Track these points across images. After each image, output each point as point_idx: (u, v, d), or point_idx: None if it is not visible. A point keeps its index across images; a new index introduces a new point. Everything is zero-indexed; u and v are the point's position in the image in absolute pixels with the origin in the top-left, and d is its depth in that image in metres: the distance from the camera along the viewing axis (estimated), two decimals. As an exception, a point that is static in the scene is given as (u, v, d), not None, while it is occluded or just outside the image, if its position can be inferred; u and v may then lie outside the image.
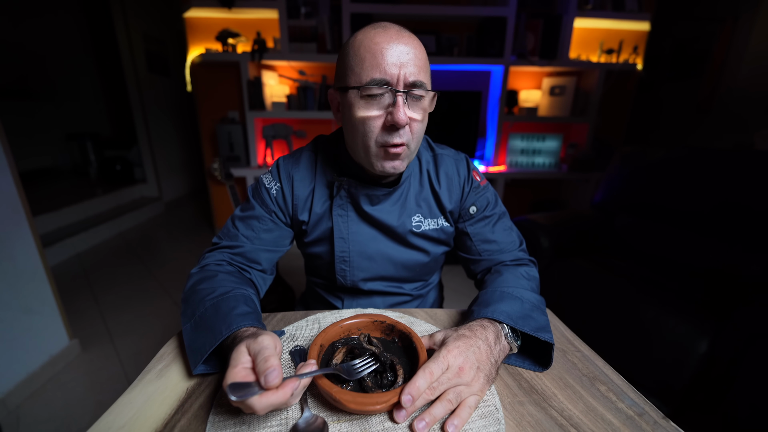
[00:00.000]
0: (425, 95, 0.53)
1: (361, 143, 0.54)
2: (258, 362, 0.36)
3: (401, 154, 0.54)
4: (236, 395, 0.32)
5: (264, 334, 0.40)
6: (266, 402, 0.34)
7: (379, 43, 0.50)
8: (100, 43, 3.68)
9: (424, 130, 0.56)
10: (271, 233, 0.64)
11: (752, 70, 2.16)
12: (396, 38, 0.50)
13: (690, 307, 1.05)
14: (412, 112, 0.53)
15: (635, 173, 1.58)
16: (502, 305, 0.51)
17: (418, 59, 0.51)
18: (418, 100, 0.53)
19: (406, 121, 0.50)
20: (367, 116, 0.52)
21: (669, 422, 0.40)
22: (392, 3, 2.08)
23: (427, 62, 0.54)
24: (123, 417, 0.40)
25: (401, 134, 0.52)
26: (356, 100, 0.52)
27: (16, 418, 1.16)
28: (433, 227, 0.66)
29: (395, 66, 0.49)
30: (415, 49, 0.51)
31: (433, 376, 0.39)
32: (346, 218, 0.64)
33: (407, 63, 0.50)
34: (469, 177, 0.67)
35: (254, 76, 2.17)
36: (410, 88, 0.51)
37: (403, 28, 0.52)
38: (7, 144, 1.20)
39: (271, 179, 0.65)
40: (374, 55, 0.50)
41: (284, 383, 0.35)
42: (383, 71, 0.49)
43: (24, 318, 1.25)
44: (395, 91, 0.50)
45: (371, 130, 0.52)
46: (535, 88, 2.43)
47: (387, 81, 0.50)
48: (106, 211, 2.92)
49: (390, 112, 0.50)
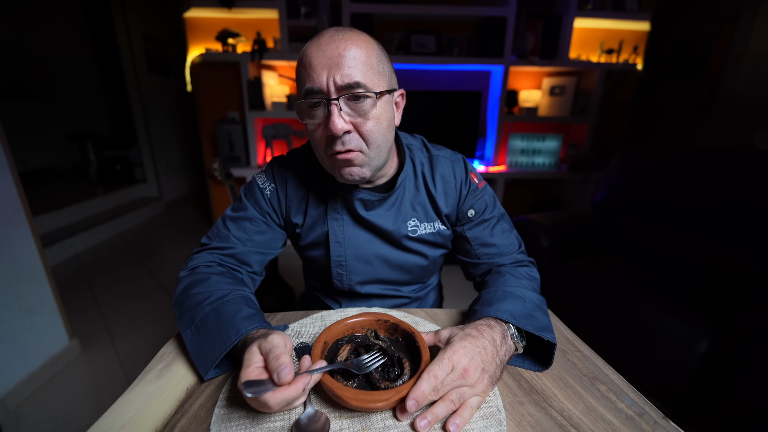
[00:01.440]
0: (366, 97, 0.49)
1: (318, 154, 0.55)
2: (270, 360, 0.37)
3: (353, 159, 0.52)
4: (251, 392, 0.33)
5: (274, 333, 0.41)
6: (280, 397, 0.35)
7: (309, 54, 0.49)
8: (100, 43, 3.68)
9: (384, 132, 0.53)
10: (264, 235, 0.63)
11: (752, 70, 2.15)
12: (326, 44, 0.48)
13: (690, 307, 1.05)
14: (357, 118, 0.50)
15: (635, 173, 1.58)
16: (505, 304, 0.51)
17: (354, 60, 0.48)
18: (361, 103, 0.49)
19: (342, 129, 0.48)
20: (312, 128, 0.53)
21: (669, 422, 0.40)
22: (392, 3, 2.08)
23: (374, 59, 0.50)
24: (123, 417, 0.40)
25: (345, 142, 0.50)
26: (302, 113, 0.52)
27: (16, 418, 1.16)
28: (430, 231, 0.65)
29: (323, 73, 0.48)
30: (347, 50, 0.48)
31: (437, 379, 0.39)
32: (341, 222, 0.63)
33: (337, 66, 0.47)
34: (467, 179, 0.65)
35: (254, 76, 2.16)
36: (345, 92, 0.48)
37: (341, 29, 0.50)
38: (7, 144, 1.20)
39: (265, 179, 0.64)
40: (305, 67, 0.50)
41: (296, 379, 0.36)
42: (312, 80, 0.49)
43: (24, 318, 1.25)
44: (327, 99, 0.49)
45: (319, 140, 0.53)
46: (535, 88, 2.43)
47: (319, 89, 0.49)
48: (106, 211, 2.92)
49: (326, 124, 0.49)
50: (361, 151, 0.52)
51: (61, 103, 3.53)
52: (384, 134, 0.53)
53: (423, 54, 2.18)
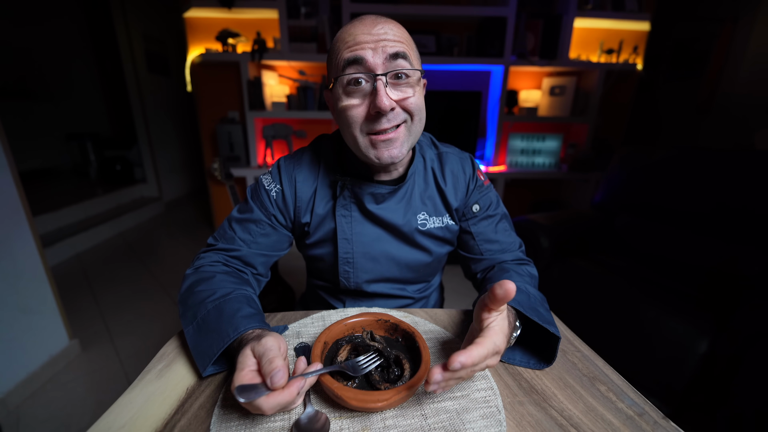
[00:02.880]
0: (411, 73, 0.50)
1: (350, 135, 0.54)
2: (263, 364, 0.37)
3: (395, 140, 0.52)
4: (244, 397, 0.33)
5: (268, 335, 0.41)
6: (273, 402, 0.35)
7: (352, 32, 0.50)
8: (100, 43, 3.68)
9: (422, 106, 0.54)
10: (269, 237, 0.63)
11: (752, 70, 2.15)
12: (371, 23, 0.50)
13: (690, 307, 1.05)
14: (399, 93, 0.51)
15: (635, 173, 1.58)
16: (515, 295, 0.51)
17: (397, 35, 0.50)
18: (404, 79, 0.50)
19: (390, 105, 0.49)
20: (349, 105, 0.51)
21: (669, 422, 0.40)
22: (392, 3, 2.08)
23: (412, 43, 0.53)
24: (123, 417, 0.40)
25: (390, 119, 0.51)
26: (340, 93, 0.52)
27: (16, 418, 1.16)
28: (439, 225, 0.66)
29: (370, 43, 0.48)
30: (394, 27, 0.50)
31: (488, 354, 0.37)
32: (349, 218, 0.63)
33: (384, 37, 0.49)
34: (474, 175, 0.66)
35: (254, 76, 2.16)
36: (392, 66, 0.49)
37: (380, 16, 0.52)
38: (7, 144, 1.20)
39: (270, 180, 0.64)
40: (347, 43, 0.50)
41: (290, 383, 0.36)
42: (356, 51, 0.49)
43: (24, 318, 1.25)
44: (374, 75, 0.49)
45: (355, 120, 0.52)
46: (535, 88, 2.43)
47: (361, 57, 0.48)
48: (106, 211, 2.92)
49: (372, 100, 0.49)
50: (405, 122, 0.53)
51: (61, 103, 3.53)
52: (423, 109, 0.55)
53: (423, 54, 2.18)
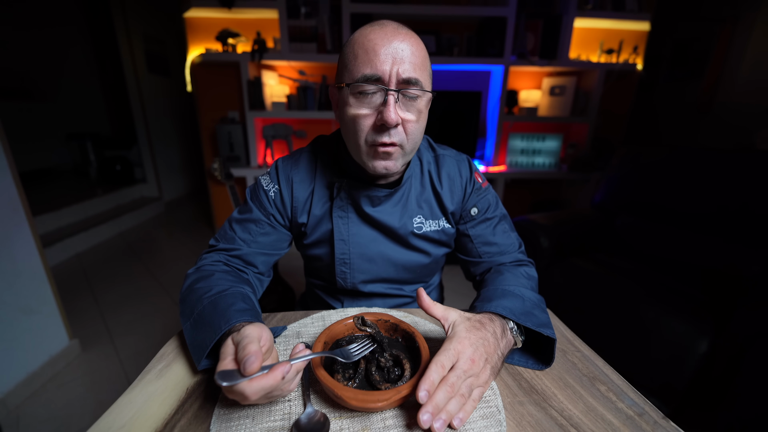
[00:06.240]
0: (421, 95, 0.51)
1: (353, 141, 0.54)
2: (238, 351, 0.37)
3: (392, 153, 0.53)
4: (226, 381, 0.33)
5: (249, 325, 0.41)
6: (257, 387, 0.34)
7: (372, 39, 0.49)
8: (100, 43, 3.68)
9: (421, 131, 0.55)
10: (269, 237, 0.64)
11: (752, 70, 2.16)
12: (392, 35, 0.49)
13: (690, 307, 1.05)
14: (406, 113, 0.51)
15: (635, 173, 1.58)
16: (504, 301, 0.51)
17: (415, 57, 0.50)
18: (413, 100, 0.51)
19: (396, 121, 0.49)
20: (357, 114, 0.51)
21: (669, 422, 0.40)
22: (392, 3, 2.08)
23: (427, 62, 0.53)
24: (123, 417, 0.40)
25: (391, 134, 0.51)
26: (349, 98, 0.52)
27: (16, 418, 1.16)
28: (435, 228, 0.66)
29: (388, 62, 0.48)
30: (412, 46, 0.49)
31: (444, 369, 0.39)
32: (346, 220, 0.63)
33: (401, 60, 0.48)
34: (471, 178, 0.66)
35: (254, 76, 2.16)
36: (404, 86, 0.50)
37: (402, 26, 0.51)
38: (7, 144, 1.20)
39: (269, 181, 0.65)
40: (367, 52, 0.49)
41: (274, 367, 0.35)
42: (375, 67, 0.48)
43: (24, 318, 1.25)
44: (386, 89, 0.49)
45: (361, 128, 0.52)
46: (535, 88, 2.43)
47: (378, 77, 0.49)
48: (106, 211, 2.92)
49: (380, 111, 0.50)
50: (401, 145, 0.53)
51: (61, 103, 3.53)
52: (421, 133, 0.56)
53: (423, 54, 2.18)
